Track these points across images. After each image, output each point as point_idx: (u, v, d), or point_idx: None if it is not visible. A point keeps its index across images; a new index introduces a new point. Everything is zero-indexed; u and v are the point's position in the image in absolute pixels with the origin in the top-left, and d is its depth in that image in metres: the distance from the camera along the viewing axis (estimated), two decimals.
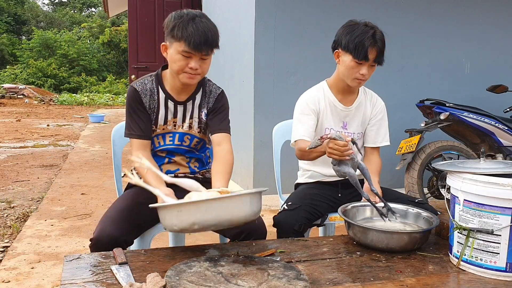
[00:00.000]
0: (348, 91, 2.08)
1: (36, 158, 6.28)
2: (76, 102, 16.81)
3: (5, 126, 9.86)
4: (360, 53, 1.87)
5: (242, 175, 4.25)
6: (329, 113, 2.08)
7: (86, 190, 4.52)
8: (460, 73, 4.46)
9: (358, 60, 1.89)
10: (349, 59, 1.92)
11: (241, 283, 1.17)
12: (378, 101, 2.16)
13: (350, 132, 2.11)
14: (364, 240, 1.55)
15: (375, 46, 1.87)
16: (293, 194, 2.13)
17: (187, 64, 1.72)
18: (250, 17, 3.91)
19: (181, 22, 1.68)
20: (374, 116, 2.13)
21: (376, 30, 1.90)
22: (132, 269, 1.32)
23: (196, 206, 1.31)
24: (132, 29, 6.59)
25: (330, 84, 2.11)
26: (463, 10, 4.37)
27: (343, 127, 2.10)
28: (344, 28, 1.96)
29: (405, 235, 1.53)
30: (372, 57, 1.89)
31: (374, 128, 2.13)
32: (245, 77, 4.09)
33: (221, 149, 1.89)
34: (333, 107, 2.08)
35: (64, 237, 3.25)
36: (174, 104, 1.89)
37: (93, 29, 26.96)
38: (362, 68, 1.91)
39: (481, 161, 1.51)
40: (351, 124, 2.11)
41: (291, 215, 1.88)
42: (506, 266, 1.35)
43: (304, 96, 2.11)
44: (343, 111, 2.09)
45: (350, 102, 2.09)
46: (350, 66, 1.92)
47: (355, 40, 1.87)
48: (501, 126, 3.71)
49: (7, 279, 2.55)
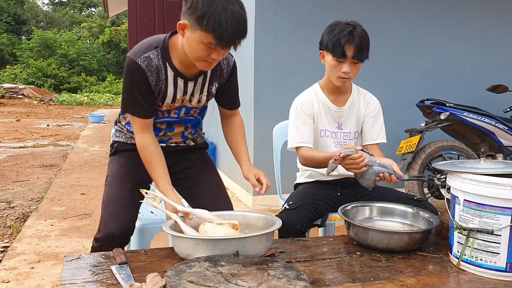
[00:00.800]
0: (339, 92, 2.09)
1: (36, 158, 6.28)
2: (76, 102, 16.83)
3: (5, 126, 9.86)
4: (337, 50, 1.89)
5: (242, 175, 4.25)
6: (323, 115, 2.09)
7: (86, 190, 4.52)
8: (460, 73, 4.46)
9: (337, 58, 1.91)
10: (330, 58, 1.95)
11: (241, 283, 1.16)
12: (372, 99, 2.16)
13: (346, 132, 2.11)
14: (364, 240, 1.55)
15: (352, 43, 1.88)
16: (293, 194, 2.14)
17: (209, 54, 1.54)
18: (250, 17, 3.91)
19: (212, 12, 1.44)
20: (369, 114, 2.13)
21: (355, 27, 1.90)
22: (132, 269, 1.32)
23: (214, 242, 1.35)
24: (132, 29, 6.59)
25: (322, 86, 2.12)
26: (463, 10, 4.37)
27: (338, 128, 2.11)
28: (327, 28, 1.98)
29: (405, 235, 1.53)
30: (350, 54, 1.89)
31: (368, 126, 2.13)
32: (245, 77, 4.09)
33: (236, 119, 2.00)
34: (326, 108, 2.09)
35: (64, 237, 3.25)
36: (184, 82, 1.72)
37: (93, 29, 26.99)
38: (344, 66, 1.92)
39: (481, 161, 1.50)
40: (346, 124, 2.12)
41: (293, 214, 1.88)
42: (506, 266, 1.34)
43: (298, 100, 2.11)
44: (337, 111, 2.09)
45: (343, 102, 2.10)
46: (332, 65, 1.95)
47: (333, 39, 1.90)
48: (501, 126, 3.71)
49: (7, 279, 2.55)
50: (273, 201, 3.97)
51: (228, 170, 4.75)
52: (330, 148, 2.10)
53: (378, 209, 1.80)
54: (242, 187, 4.27)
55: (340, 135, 2.11)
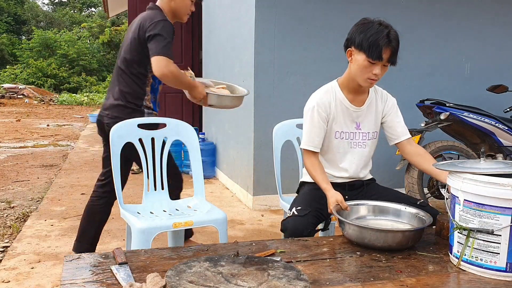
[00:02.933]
0: (359, 91, 2.04)
1: (36, 158, 6.28)
2: (76, 102, 16.82)
3: (5, 126, 9.86)
4: (374, 52, 1.83)
5: (242, 175, 4.25)
6: (341, 116, 2.03)
7: (86, 190, 4.52)
8: (460, 73, 4.45)
9: (372, 60, 1.85)
10: (362, 58, 1.87)
11: (241, 283, 1.16)
12: (388, 97, 2.13)
13: (365, 132, 2.07)
14: (358, 239, 1.57)
15: (389, 46, 1.84)
16: (300, 196, 2.10)
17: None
18: (250, 17, 3.91)
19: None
20: (388, 113, 2.10)
21: (390, 29, 1.86)
22: (132, 269, 1.32)
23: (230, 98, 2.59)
24: None
25: (341, 84, 2.06)
26: (463, 10, 4.37)
27: (356, 128, 2.06)
28: (358, 26, 1.91)
29: (398, 233, 1.56)
30: (386, 56, 1.85)
31: (390, 125, 2.10)
32: (245, 77, 4.09)
33: None
34: (344, 109, 2.03)
35: (64, 237, 3.25)
36: None
37: (93, 29, 26.97)
38: (375, 68, 1.87)
39: (481, 161, 1.50)
40: (365, 124, 2.07)
41: (301, 221, 1.85)
42: (506, 266, 1.34)
43: (315, 100, 2.03)
44: (355, 111, 2.04)
45: (361, 102, 2.06)
46: (363, 65, 1.88)
47: (370, 39, 1.83)
48: (501, 126, 3.70)
49: (7, 279, 2.55)
50: (273, 201, 3.97)
51: (228, 170, 4.75)
52: (345, 150, 2.07)
53: (372, 208, 1.83)
54: (242, 187, 4.27)
55: (359, 136, 2.07)
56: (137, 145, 2.33)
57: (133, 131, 2.31)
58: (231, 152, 4.64)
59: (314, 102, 2.03)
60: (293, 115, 2.77)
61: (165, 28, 2.35)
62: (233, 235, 3.30)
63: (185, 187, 2.76)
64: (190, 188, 2.62)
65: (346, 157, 2.08)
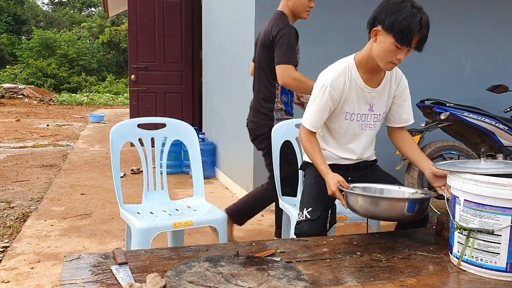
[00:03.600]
0: (376, 71, 1.91)
1: (36, 158, 6.28)
2: (75, 102, 16.82)
3: (5, 126, 9.86)
4: (404, 38, 1.71)
5: (242, 175, 4.25)
6: (354, 97, 1.92)
7: (86, 190, 4.52)
8: (460, 73, 4.45)
9: (400, 45, 1.73)
10: (390, 42, 1.74)
11: (241, 283, 1.16)
12: (402, 78, 2.03)
13: (376, 114, 1.99)
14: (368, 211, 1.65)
15: (420, 33, 1.71)
16: (306, 190, 2.02)
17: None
18: (250, 17, 3.91)
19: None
20: (399, 95, 2.01)
21: (423, 14, 1.74)
22: (132, 269, 1.32)
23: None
24: (132, 29, 6.59)
25: (358, 63, 1.91)
26: (463, 10, 4.37)
27: (370, 109, 1.97)
28: (389, 5, 1.75)
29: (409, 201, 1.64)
30: (415, 43, 1.74)
31: (395, 107, 2.03)
32: (245, 77, 4.09)
33: None
34: (358, 90, 1.92)
35: (63, 237, 3.24)
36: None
37: (93, 29, 26.96)
38: (401, 53, 1.76)
39: (481, 161, 1.50)
40: (377, 105, 1.98)
41: (315, 225, 1.86)
42: (507, 266, 1.34)
43: (328, 79, 1.89)
44: (370, 93, 1.94)
45: (377, 83, 1.94)
46: (390, 49, 1.76)
47: (402, 23, 1.69)
48: (502, 126, 3.70)
49: (7, 279, 2.55)
50: None
51: (228, 170, 4.75)
52: (355, 132, 2.00)
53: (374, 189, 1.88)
54: (242, 187, 4.27)
55: (371, 117, 1.99)
56: (137, 145, 2.33)
57: (133, 131, 2.31)
58: (231, 152, 4.63)
59: (327, 81, 1.89)
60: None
61: (287, 35, 2.47)
62: (233, 235, 3.30)
63: (185, 187, 2.77)
64: (190, 188, 2.61)
65: (355, 139, 2.01)
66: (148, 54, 6.62)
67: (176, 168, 5.31)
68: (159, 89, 6.71)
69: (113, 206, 3.91)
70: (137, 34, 6.55)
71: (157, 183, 2.40)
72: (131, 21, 6.57)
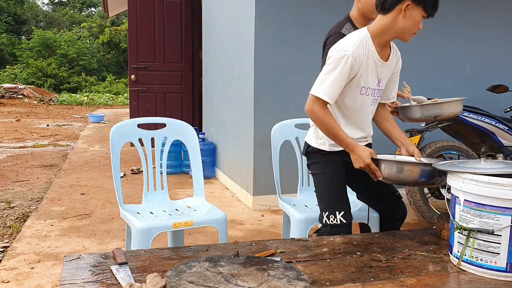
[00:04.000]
0: (386, 45, 1.92)
1: (35, 158, 6.28)
2: (75, 102, 16.82)
3: (5, 126, 9.85)
4: (434, 8, 1.78)
5: (242, 175, 4.25)
6: (370, 70, 1.90)
7: (86, 190, 4.52)
8: (460, 73, 4.45)
9: (427, 16, 1.79)
10: (419, 14, 1.78)
11: (241, 283, 1.16)
12: (400, 56, 2.07)
13: (381, 89, 1.99)
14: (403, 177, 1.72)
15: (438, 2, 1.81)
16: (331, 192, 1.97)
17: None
18: (250, 17, 3.91)
19: None
20: (396, 72, 2.05)
21: None
22: (132, 269, 1.32)
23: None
24: (132, 29, 6.59)
25: (374, 37, 1.88)
26: (463, 10, 4.37)
27: (377, 84, 1.97)
28: None
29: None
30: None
31: (393, 86, 2.08)
32: (245, 77, 4.09)
33: None
34: (373, 63, 1.90)
35: (63, 237, 3.24)
36: None
37: (93, 29, 26.96)
38: (421, 22, 1.81)
39: (481, 161, 1.50)
40: (383, 80, 1.99)
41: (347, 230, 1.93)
42: (507, 266, 1.34)
43: (350, 49, 1.83)
44: (381, 66, 1.93)
45: (387, 57, 1.95)
46: (417, 21, 1.79)
47: None
48: (502, 126, 3.70)
49: (7, 279, 2.55)
50: (273, 201, 3.96)
51: (228, 170, 4.75)
52: (367, 108, 1.98)
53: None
54: (242, 187, 4.27)
55: (377, 93, 1.98)
56: (137, 145, 2.33)
57: (133, 131, 2.31)
58: (231, 152, 4.63)
59: (349, 51, 1.82)
60: (293, 115, 2.77)
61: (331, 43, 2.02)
62: (233, 235, 3.30)
63: (185, 187, 2.77)
64: (190, 188, 2.62)
65: (365, 115, 2.00)
66: (148, 54, 6.62)
67: (176, 168, 5.31)
68: (159, 89, 6.71)
69: (113, 206, 3.91)
70: (137, 34, 6.55)
71: (157, 183, 2.40)
72: (131, 21, 6.57)
